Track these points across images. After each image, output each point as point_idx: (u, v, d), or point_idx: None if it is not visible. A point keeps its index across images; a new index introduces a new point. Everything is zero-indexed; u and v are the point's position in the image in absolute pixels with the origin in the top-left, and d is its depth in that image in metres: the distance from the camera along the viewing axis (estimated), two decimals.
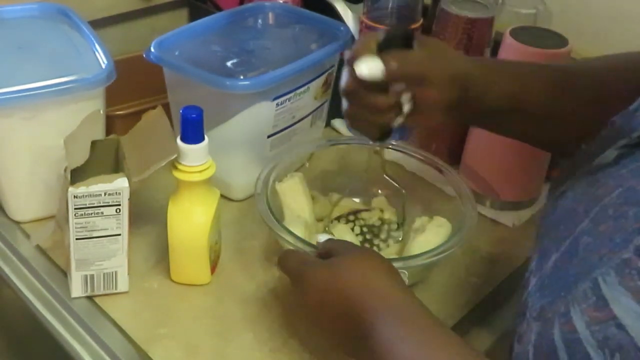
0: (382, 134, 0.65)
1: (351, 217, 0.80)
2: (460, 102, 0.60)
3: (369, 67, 0.57)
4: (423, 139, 0.94)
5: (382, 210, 0.80)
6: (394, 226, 0.79)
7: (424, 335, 0.50)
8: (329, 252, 0.60)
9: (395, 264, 0.66)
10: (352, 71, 0.59)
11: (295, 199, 0.76)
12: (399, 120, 0.61)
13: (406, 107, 0.60)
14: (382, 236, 0.78)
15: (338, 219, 0.79)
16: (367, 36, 0.61)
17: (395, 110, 0.60)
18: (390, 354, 0.49)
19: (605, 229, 0.40)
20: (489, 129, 0.71)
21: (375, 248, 0.77)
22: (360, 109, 0.61)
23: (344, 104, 0.63)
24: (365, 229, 0.79)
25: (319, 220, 0.79)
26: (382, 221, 0.80)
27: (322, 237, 0.64)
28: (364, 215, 0.80)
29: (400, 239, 0.77)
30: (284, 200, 0.76)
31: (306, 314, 0.59)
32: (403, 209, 0.78)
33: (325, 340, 0.58)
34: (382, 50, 0.59)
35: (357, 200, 0.82)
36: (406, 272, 0.64)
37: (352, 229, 0.78)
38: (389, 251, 0.76)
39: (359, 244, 0.77)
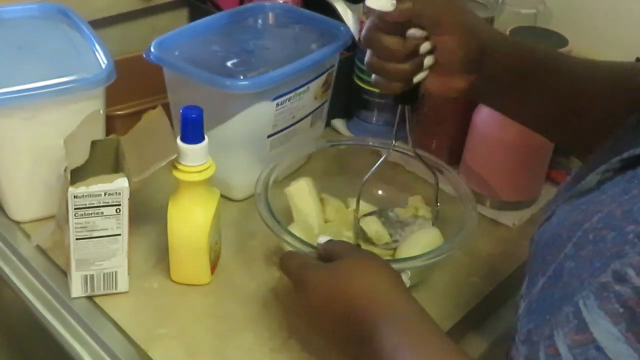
0: (406, 94, 0.63)
1: (384, 213, 0.79)
2: (479, 62, 0.60)
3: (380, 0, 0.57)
4: (423, 139, 0.94)
5: (417, 208, 0.80)
6: (428, 222, 0.78)
7: (425, 343, 0.51)
8: (329, 254, 0.60)
9: (396, 265, 0.66)
10: (373, 19, 0.58)
11: (303, 203, 0.76)
12: (420, 75, 0.60)
13: (427, 60, 0.59)
14: (414, 230, 0.77)
15: (371, 214, 0.79)
16: None
17: (414, 62, 0.59)
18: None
19: (586, 253, 0.41)
20: (502, 107, 0.69)
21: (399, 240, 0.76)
22: (378, 57, 0.60)
23: (367, 55, 0.62)
24: (397, 224, 0.78)
25: (328, 222, 0.79)
26: (416, 217, 0.79)
27: (323, 239, 0.64)
28: (398, 211, 0.79)
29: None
30: (292, 203, 0.76)
31: (308, 317, 0.59)
32: (436, 195, 0.76)
33: (327, 343, 0.58)
34: None
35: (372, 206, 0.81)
36: (408, 272, 0.64)
37: (383, 224, 0.77)
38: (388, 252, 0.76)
39: (388, 237, 0.76)
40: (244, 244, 0.79)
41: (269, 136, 0.83)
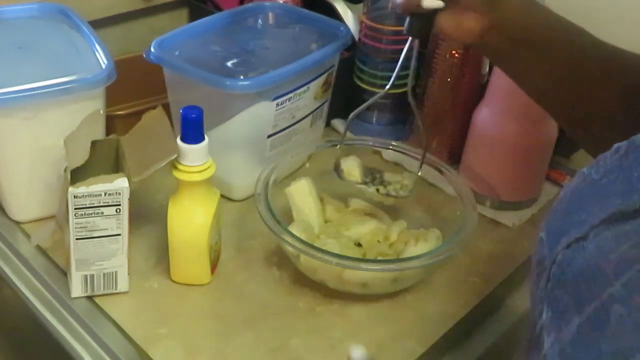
0: (418, 23, 0.62)
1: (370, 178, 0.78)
2: (495, 5, 0.59)
3: None
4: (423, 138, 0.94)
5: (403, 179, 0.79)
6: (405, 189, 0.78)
7: None
8: None
9: (397, 265, 0.66)
10: None
11: (303, 202, 0.76)
12: (432, 2, 0.59)
13: None
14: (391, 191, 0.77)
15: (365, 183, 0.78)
16: None
17: None
18: None
19: None
20: (511, 70, 0.67)
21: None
22: None
23: None
24: (377, 175, 0.78)
25: (328, 222, 0.79)
26: (398, 183, 0.78)
27: (356, 353, 0.58)
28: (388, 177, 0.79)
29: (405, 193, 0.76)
30: (292, 203, 0.76)
31: None
32: (421, 163, 0.76)
33: None
34: None
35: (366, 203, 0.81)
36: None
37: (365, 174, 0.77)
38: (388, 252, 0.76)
39: (358, 177, 0.76)
40: (244, 244, 0.79)
41: (269, 136, 0.83)
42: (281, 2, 0.96)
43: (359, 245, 0.76)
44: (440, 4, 0.60)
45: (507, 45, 0.62)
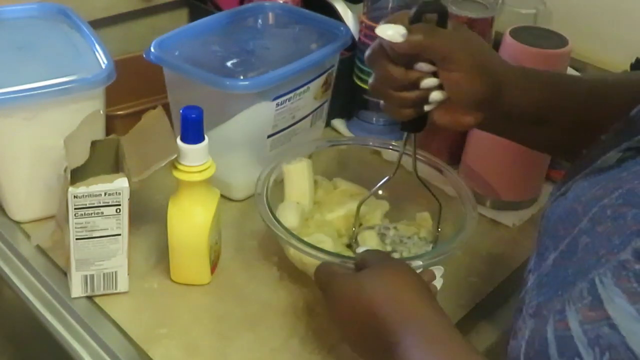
0: (413, 122, 0.61)
1: (384, 230, 0.77)
2: (492, 101, 0.58)
3: (391, 29, 0.54)
4: (423, 139, 0.94)
5: (419, 228, 0.78)
6: (427, 244, 0.76)
7: (450, 354, 0.50)
8: (363, 263, 0.59)
9: None
10: (379, 42, 0.57)
11: (299, 184, 0.76)
12: (430, 106, 0.58)
13: (434, 94, 0.57)
14: (411, 249, 0.76)
15: (372, 227, 0.78)
16: (402, 12, 0.58)
17: (417, 94, 0.58)
18: None
19: (604, 229, 0.40)
20: (516, 140, 0.68)
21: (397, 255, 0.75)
22: (381, 82, 0.59)
23: (371, 77, 0.60)
24: (396, 241, 0.77)
25: (316, 203, 0.79)
26: (417, 237, 0.77)
27: (361, 248, 0.63)
28: (400, 227, 0.78)
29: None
30: (287, 182, 0.76)
31: (336, 325, 0.59)
32: (438, 224, 0.75)
33: (355, 352, 0.57)
34: (412, 23, 0.56)
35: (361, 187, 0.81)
36: (442, 269, 0.63)
37: (382, 240, 0.76)
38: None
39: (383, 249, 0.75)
40: (244, 244, 0.79)
41: (269, 136, 0.83)
42: (281, 2, 0.96)
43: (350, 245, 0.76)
44: (436, 105, 0.58)
45: (507, 126, 0.63)
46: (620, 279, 0.37)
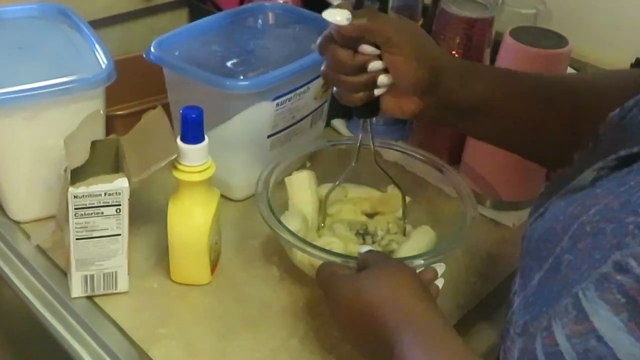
0: (365, 107, 0.64)
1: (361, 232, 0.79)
2: (432, 88, 0.61)
3: (338, 14, 0.59)
4: (423, 139, 0.94)
5: (389, 223, 0.79)
6: (396, 237, 0.77)
7: (446, 355, 0.50)
8: (364, 263, 0.60)
9: None
10: (329, 29, 0.60)
11: (301, 195, 0.76)
12: (380, 90, 0.61)
13: (381, 79, 0.60)
14: (382, 243, 0.77)
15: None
16: (344, 1, 0.62)
17: (366, 77, 0.61)
18: None
19: (585, 246, 0.41)
20: (461, 129, 0.71)
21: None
22: (331, 67, 0.62)
23: (323, 65, 0.63)
24: (367, 237, 0.78)
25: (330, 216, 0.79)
26: (388, 231, 0.78)
27: (364, 248, 0.63)
28: (370, 226, 0.79)
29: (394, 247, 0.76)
30: (290, 192, 0.76)
31: (336, 325, 0.60)
32: (403, 212, 0.77)
33: (355, 351, 0.58)
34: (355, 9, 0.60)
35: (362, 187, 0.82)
36: (444, 265, 0.64)
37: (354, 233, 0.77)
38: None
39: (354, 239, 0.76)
40: (244, 244, 0.79)
41: (269, 136, 0.83)
42: (281, 2, 0.96)
43: (364, 234, 0.76)
44: (386, 89, 0.61)
45: (449, 116, 0.65)
46: (603, 292, 0.38)
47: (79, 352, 0.69)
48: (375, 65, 0.60)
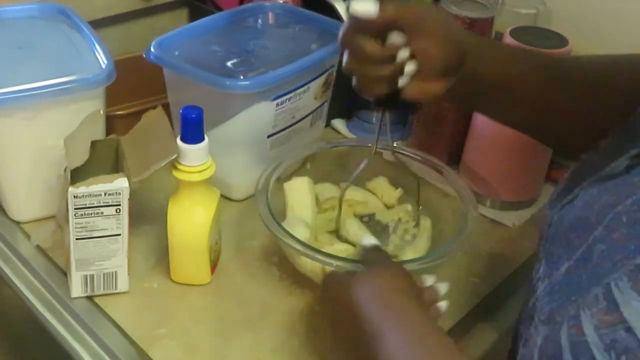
0: (387, 98, 0.62)
1: (365, 219, 0.78)
2: (459, 67, 0.60)
3: (364, 5, 0.56)
4: (423, 139, 0.94)
5: (400, 217, 0.79)
6: (411, 225, 0.77)
7: (434, 355, 0.50)
8: (364, 261, 0.60)
9: None
10: (351, 18, 0.58)
11: (300, 200, 0.76)
12: (404, 80, 0.59)
13: (408, 67, 0.59)
14: (397, 234, 0.77)
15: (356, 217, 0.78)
16: None
17: (393, 67, 0.59)
18: None
19: (619, 236, 0.40)
20: (482, 110, 0.70)
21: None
22: (356, 60, 0.60)
23: (345, 57, 0.61)
24: (379, 228, 0.77)
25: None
26: (400, 220, 0.78)
27: (367, 240, 0.62)
28: (379, 216, 0.79)
29: (413, 237, 0.76)
30: (288, 198, 0.76)
31: (328, 324, 0.60)
32: (418, 197, 0.76)
33: (344, 351, 0.58)
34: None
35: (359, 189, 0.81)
36: (447, 284, 0.62)
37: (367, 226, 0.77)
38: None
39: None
40: (244, 244, 0.79)
41: (269, 136, 0.83)
42: (281, 2, 0.96)
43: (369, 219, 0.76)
44: (409, 78, 0.60)
45: (472, 94, 0.64)
46: (636, 283, 0.37)
47: (79, 352, 0.69)
48: (404, 53, 0.58)
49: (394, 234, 0.76)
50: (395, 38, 0.58)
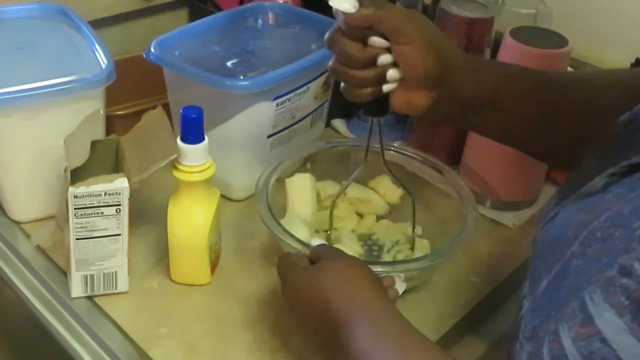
0: (375, 105, 0.63)
1: (364, 238, 0.79)
2: (442, 80, 0.60)
3: (345, 2, 0.57)
4: (423, 139, 0.94)
5: (399, 238, 0.79)
6: (406, 247, 0.77)
7: (400, 345, 0.51)
8: (318, 257, 0.60)
9: (399, 267, 0.66)
10: (338, 22, 0.59)
11: (301, 197, 0.76)
12: (389, 86, 0.60)
13: (391, 72, 0.59)
14: (390, 253, 0.77)
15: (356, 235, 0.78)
16: None
17: (374, 71, 0.60)
18: None
19: (594, 251, 0.41)
20: (470, 125, 0.71)
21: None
22: (340, 62, 0.61)
23: (330, 59, 0.62)
24: (375, 248, 0.78)
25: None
26: (397, 242, 0.78)
27: (315, 241, 0.64)
28: (377, 234, 0.79)
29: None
30: (289, 195, 0.76)
31: (292, 315, 0.60)
32: (413, 221, 0.76)
33: (308, 343, 0.59)
34: None
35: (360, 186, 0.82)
36: (401, 275, 0.64)
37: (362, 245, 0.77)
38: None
39: (362, 253, 0.76)
40: (244, 244, 0.79)
41: (269, 136, 0.83)
42: (281, 2, 0.96)
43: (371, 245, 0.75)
44: (395, 85, 0.60)
45: (458, 111, 0.64)
46: (608, 294, 0.38)
47: (79, 352, 0.69)
48: (385, 58, 0.59)
49: (387, 253, 0.77)
50: (376, 40, 0.59)
